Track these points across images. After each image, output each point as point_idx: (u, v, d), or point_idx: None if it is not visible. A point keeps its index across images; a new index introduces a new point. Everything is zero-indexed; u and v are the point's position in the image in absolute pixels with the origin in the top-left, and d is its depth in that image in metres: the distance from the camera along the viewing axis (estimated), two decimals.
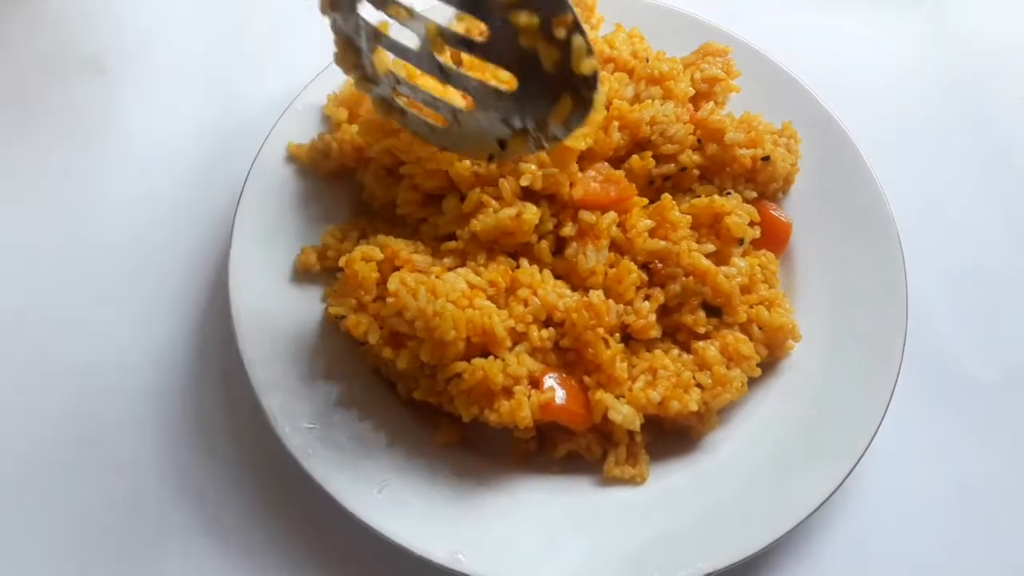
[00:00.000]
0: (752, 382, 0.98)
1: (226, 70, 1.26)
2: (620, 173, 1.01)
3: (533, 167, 0.97)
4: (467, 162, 0.97)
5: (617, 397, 0.93)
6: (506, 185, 0.97)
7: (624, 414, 0.91)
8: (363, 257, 0.97)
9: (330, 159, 1.06)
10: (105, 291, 1.08)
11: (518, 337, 0.94)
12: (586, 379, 0.94)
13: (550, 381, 0.93)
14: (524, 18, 0.76)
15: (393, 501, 0.89)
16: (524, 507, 0.92)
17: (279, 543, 0.94)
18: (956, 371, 1.09)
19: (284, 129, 1.07)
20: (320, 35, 1.24)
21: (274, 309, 0.98)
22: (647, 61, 1.10)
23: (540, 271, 0.97)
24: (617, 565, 0.88)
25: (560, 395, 0.92)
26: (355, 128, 1.05)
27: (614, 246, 1.00)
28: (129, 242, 1.11)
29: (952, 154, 1.27)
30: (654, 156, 1.03)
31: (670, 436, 0.97)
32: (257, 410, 0.92)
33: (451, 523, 0.89)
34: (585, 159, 1.02)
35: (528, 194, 0.98)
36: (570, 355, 0.96)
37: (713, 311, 1.00)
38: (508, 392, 0.91)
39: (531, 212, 0.96)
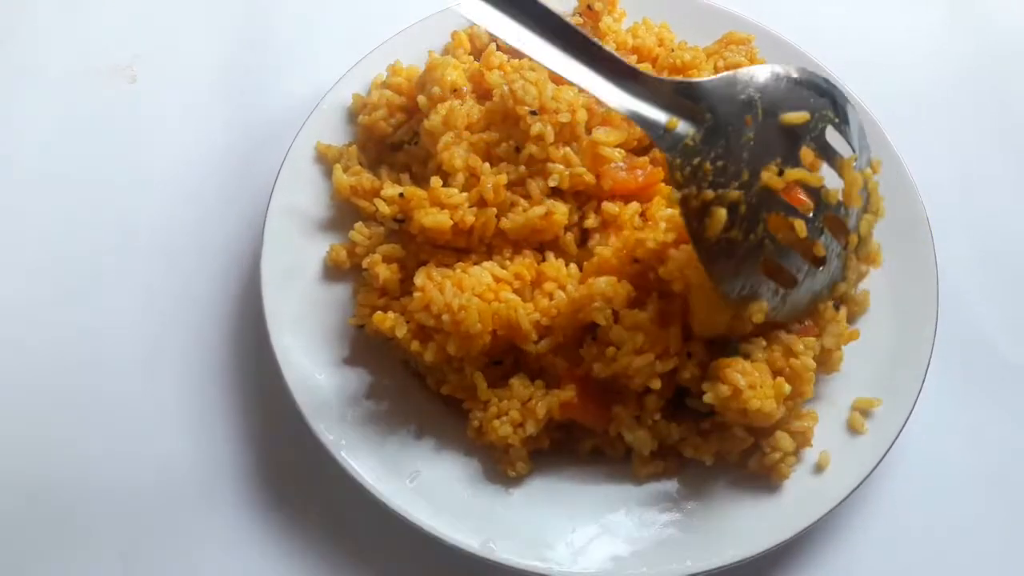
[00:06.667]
0: None
1: (255, 72, 1.28)
2: (644, 159, 1.01)
3: (560, 167, 0.97)
4: None
5: None
6: (535, 185, 0.98)
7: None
8: (385, 258, 0.98)
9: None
10: (138, 290, 1.10)
11: (543, 331, 0.94)
12: None
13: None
14: None
15: (425, 491, 0.91)
16: (556, 497, 0.92)
17: (311, 533, 0.96)
18: (988, 353, 1.08)
19: (312, 129, 1.08)
20: (346, 33, 1.28)
21: (305, 305, 1.00)
22: (672, 51, 1.10)
23: (566, 264, 0.98)
24: (651, 553, 0.88)
25: None
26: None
27: None
28: (162, 243, 1.13)
29: (979, 134, 1.26)
30: None
31: None
32: (289, 403, 0.93)
33: (483, 513, 0.90)
34: None
35: (554, 191, 0.99)
36: None
37: None
38: None
39: (560, 212, 0.97)
